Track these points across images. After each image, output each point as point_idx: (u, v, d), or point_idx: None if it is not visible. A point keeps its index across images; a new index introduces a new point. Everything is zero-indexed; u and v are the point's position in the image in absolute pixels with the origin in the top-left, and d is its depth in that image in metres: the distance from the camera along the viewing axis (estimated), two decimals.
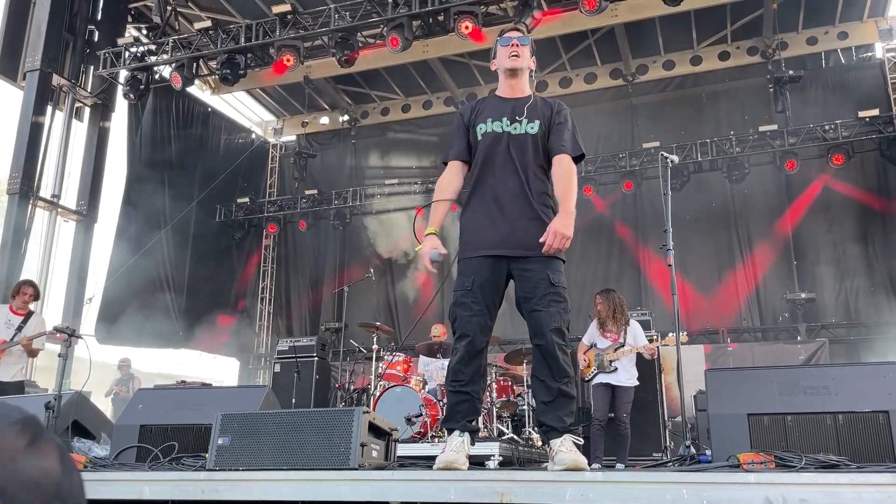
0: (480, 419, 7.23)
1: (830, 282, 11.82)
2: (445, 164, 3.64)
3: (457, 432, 3.32)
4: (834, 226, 11.91)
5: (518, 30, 3.63)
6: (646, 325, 8.25)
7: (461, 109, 3.73)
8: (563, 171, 3.42)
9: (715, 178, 12.32)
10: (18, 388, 6.67)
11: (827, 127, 11.35)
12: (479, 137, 3.47)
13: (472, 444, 3.36)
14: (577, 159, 3.55)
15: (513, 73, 3.52)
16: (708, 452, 3.35)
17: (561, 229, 3.14)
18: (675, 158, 4.38)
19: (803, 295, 11.45)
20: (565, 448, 3.17)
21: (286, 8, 10.15)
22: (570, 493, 2.75)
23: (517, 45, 3.48)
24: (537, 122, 3.44)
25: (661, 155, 4.31)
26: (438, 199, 3.54)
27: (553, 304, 3.23)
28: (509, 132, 3.41)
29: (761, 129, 11.65)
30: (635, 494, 2.70)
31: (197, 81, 12.18)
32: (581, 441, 3.25)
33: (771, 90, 11.68)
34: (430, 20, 9.67)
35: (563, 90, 13.57)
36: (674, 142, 11.79)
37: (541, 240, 3.15)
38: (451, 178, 3.58)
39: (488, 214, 3.37)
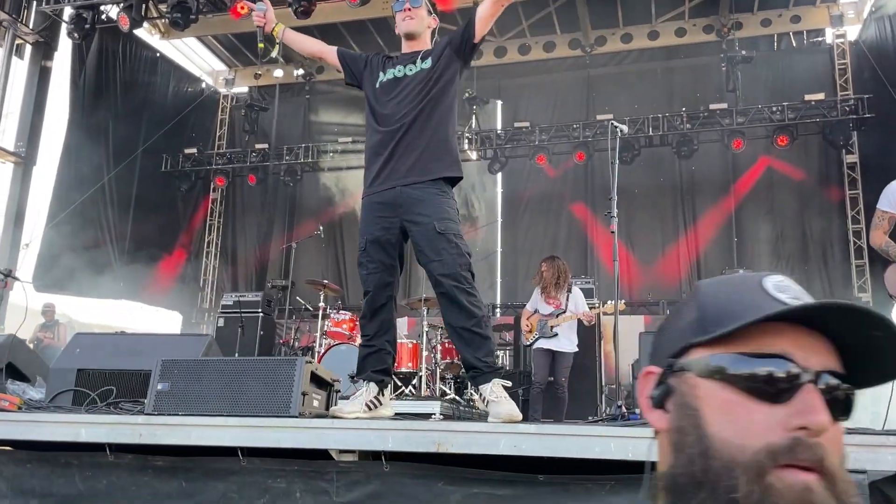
0: (410, 379, 7.37)
1: (767, 260, 12.23)
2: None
3: (363, 383, 3.46)
4: (774, 205, 12.30)
5: None
6: (589, 293, 8.45)
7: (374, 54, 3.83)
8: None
9: (664, 154, 12.55)
10: None
11: (774, 108, 11.64)
12: (377, 87, 3.59)
13: (381, 394, 3.46)
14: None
15: (410, 35, 3.61)
16: (637, 411, 3.49)
17: None
18: (625, 129, 4.47)
19: (741, 271, 11.81)
20: (495, 396, 3.28)
21: None
22: (504, 443, 2.86)
23: (409, 9, 3.57)
24: (429, 58, 3.50)
25: (612, 124, 4.40)
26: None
27: (444, 252, 3.31)
28: (405, 74, 3.51)
29: (712, 107, 11.88)
30: (566, 446, 2.81)
31: (146, 24, 11.76)
32: (509, 383, 3.35)
33: (724, 69, 11.92)
34: None
35: (521, 56, 13.55)
36: (627, 115, 11.93)
37: None
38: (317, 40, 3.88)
39: (380, 157, 3.43)
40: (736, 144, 11.66)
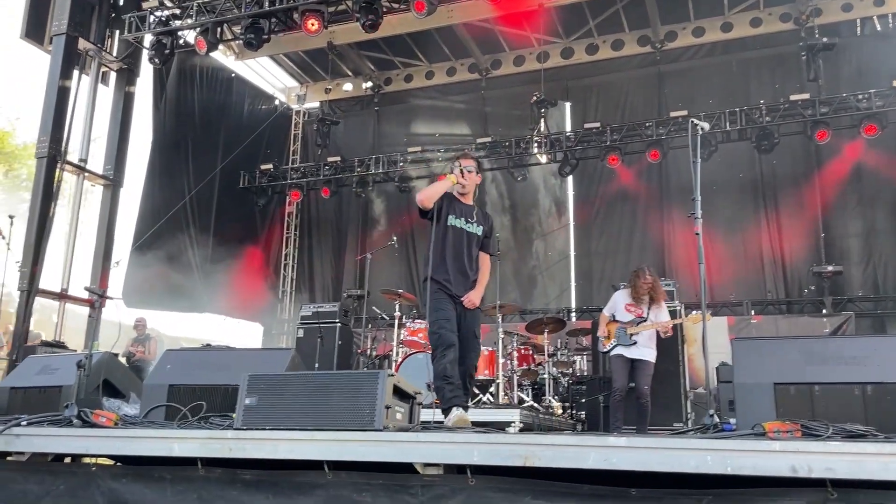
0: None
1: (858, 255, 11.65)
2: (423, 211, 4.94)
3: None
4: (864, 198, 11.69)
5: (465, 157, 5.00)
6: (669, 296, 8.19)
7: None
8: (486, 265, 5.04)
9: (743, 148, 12.11)
10: None
11: (860, 96, 11.06)
12: (450, 225, 4.88)
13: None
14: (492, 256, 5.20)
15: (462, 193, 4.97)
16: (732, 421, 3.34)
17: (473, 297, 4.77)
18: (706, 125, 4.31)
19: (830, 268, 11.30)
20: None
21: None
22: (594, 457, 2.77)
23: (470, 173, 4.89)
24: (481, 228, 4.99)
25: (692, 122, 4.24)
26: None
27: (477, 346, 4.92)
28: (467, 230, 4.90)
29: (792, 97, 11.39)
30: (658, 460, 2.71)
31: (221, 46, 12.13)
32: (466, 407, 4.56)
33: (803, 58, 11.41)
34: None
35: (589, 57, 13.37)
36: (702, 111, 11.57)
37: (463, 298, 4.78)
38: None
39: (456, 276, 4.83)
40: (820, 136, 11.14)
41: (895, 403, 3.03)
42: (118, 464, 3.88)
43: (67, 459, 4.04)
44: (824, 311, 11.32)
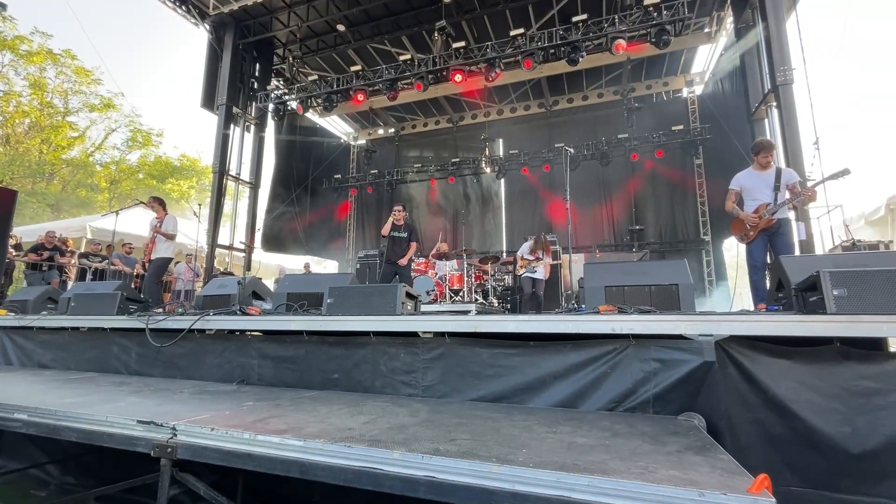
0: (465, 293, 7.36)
1: (653, 219, 11.68)
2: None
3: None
4: (656, 189, 11.66)
5: (396, 207, 5.81)
6: (553, 243, 8.21)
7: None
8: (409, 247, 5.62)
9: (593, 164, 12.00)
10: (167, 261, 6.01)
11: (654, 135, 10.96)
12: (390, 235, 5.73)
13: None
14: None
15: (396, 220, 5.72)
16: (583, 306, 3.39)
17: (401, 261, 5.68)
18: (571, 150, 4.25)
19: (638, 227, 11.37)
20: None
21: (357, 68, 9.66)
22: (512, 326, 2.81)
23: (398, 212, 5.79)
24: (406, 233, 5.65)
25: (563, 148, 4.17)
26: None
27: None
28: (394, 235, 5.73)
29: (619, 136, 11.26)
30: (546, 327, 2.75)
31: (310, 110, 11.68)
32: None
33: (625, 115, 11.25)
34: (437, 75, 9.20)
35: (511, 115, 13.05)
36: (572, 143, 11.36)
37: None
38: None
39: (389, 256, 5.52)
40: (633, 156, 11.06)
41: (665, 295, 3.10)
42: (262, 334, 3.88)
43: (236, 333, 4.03)
44: (634, 249, 11.43)
